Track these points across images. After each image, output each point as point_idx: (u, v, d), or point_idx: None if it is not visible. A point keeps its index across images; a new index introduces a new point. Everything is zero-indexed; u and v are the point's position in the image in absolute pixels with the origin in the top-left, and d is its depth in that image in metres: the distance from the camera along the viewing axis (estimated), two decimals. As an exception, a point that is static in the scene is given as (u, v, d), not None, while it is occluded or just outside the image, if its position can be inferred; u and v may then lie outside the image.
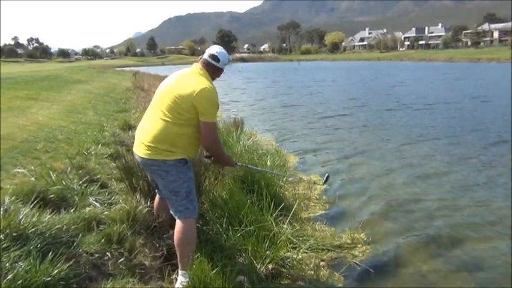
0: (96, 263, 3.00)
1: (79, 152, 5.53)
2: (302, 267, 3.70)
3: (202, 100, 2.98)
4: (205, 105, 2.99)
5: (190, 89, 2.99)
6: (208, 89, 3.02)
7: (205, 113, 3.00)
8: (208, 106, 3.01)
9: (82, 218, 3.35)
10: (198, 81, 3.06)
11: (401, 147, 8.98)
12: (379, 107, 15.48)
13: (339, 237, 4.40)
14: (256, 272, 3.37)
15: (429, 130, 10.84)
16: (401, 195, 5.91)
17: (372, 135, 10.41)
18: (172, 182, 3.07)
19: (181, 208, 3.12)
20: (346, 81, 31.29)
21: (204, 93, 2.98)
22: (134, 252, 3.29)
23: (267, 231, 3.83)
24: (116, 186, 4.50)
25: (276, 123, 12.59)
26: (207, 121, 3.03)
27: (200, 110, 2.98)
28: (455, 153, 8.36)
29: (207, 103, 3.00)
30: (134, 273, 3.09)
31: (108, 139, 6.68)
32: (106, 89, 18.37)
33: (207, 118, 3.02)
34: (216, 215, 3.95)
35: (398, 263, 4.03)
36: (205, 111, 3.00)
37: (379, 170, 7.22)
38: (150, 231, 3.65)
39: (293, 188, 5.70)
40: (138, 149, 3.14)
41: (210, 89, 3.04)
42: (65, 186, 3.94)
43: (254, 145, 7.18)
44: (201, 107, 2.98)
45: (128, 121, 8.53)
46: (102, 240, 3.18)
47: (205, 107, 3.00)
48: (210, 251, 3.46)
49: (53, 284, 2.47)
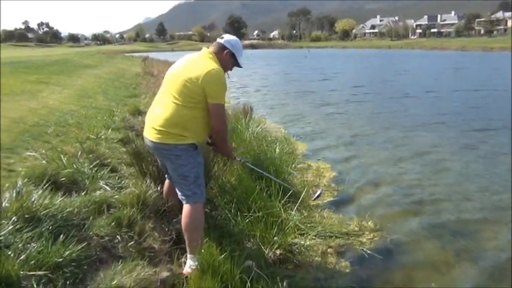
0: (107, 245, 3.04)
1: (89, 137, 5.58)
2: (309, 254, 3.72)
3: (210, 82, 2.97)
4: (212, 87, 2.99)
5: (198, 72, 2.99)
6: (215, 71, 3.01)
7: (213, 95, 3.00)
8: (216, 88, 3.01)
9: (93, 201, 3.40)
10: (206, 64, 3.06)
11: (409, 135, 8.95)
12: (388, 95, 15.44)
13: (347, 225, 4.41)
14: (264, 257, 3.40)
15: (438, 118, 10.79)
16: (410, 183, 5.90)
17: (381, 123, 10.38)
18: (182, 166, 3.09)
19: (189, 193, 3.14)
20: (358, 68, 31.10)
21: (211, 75, 2.98)
22: (144, 236, 3.33)
23: (275, 217, 3.84)
24: (126, 170, 4.54)
25: (283, 109, 12.61)
26: (216, 103, 3.03)
27: (208, 92, 2.98)
28: (462, 141, 8.33)
29: (214, 85, 3.00)
30: (144, 256, 3.13)
31: (118, 124, 6.72)
32: (116, 74, 18.43)
33: (215, 100, 3.02)
34: (225, 201, 3.98)
35: (406, 250, 4.03)
36: (214, 93, 3.00)
37: (388, 158, 7.20)
38: (160, 215, 3.69)
39: (302, 175, 5.70)
40: (148, 133, 3.15)
41: (217, 70, 3.03)
42: (75, 169, 3.99)
43: (263, 132, 7.18)
44: (208, 89, 2.98)
45: (137, 106, 8.58)
46: (113, 224, 3.23)
47: (213, 89, 3.00)
48: (219, 236, 3.49)
49: (65, 265, 2.52)
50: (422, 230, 4.48)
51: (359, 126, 9.97)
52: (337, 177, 6.05)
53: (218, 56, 3.19)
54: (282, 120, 10.81)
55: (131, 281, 2.68)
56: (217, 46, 3.24)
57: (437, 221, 4.67)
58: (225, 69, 3.22)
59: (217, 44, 3.25)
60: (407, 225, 4.59)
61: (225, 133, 3.28)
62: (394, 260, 3.86)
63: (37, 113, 6.73)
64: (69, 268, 2.53)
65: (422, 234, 4.38)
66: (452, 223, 4.63)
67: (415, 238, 4.28)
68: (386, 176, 6.22)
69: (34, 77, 12.25)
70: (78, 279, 2.54)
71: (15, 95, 8.22)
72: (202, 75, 2.96)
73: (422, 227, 4.53)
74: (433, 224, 4.62)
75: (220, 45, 3.23)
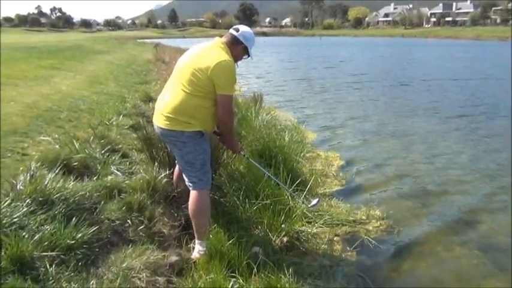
0: (118, 229, 3.11)
1: (101, 122, 5.65)
2: (316, 241, 3.76)
3: (219, 73, 2.99)
4: (221, 78, 3.00)
5: (208, 62, 3.00)
6: (225, 62, 3.02)
7: (221, 86, 3.02)
8: (224, 79, 3.02)
9: (104, 186, 3.47)
10: (217, 55, 3.06)
11: (417, 125, 8.95)
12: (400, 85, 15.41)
13: (354, 214, 4.43)
14: (271, 244, 3.46)
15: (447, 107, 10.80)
16: (419, 173, 5.91)
17: (388, 112, 10.41)
18: (188, 153, 3.14)
19: (195, 179, 3.19)
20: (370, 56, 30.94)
21: (221, 67, 2.99)
22: (153, 221, 3.40)
23: (283, 205, 3.88)
24: (137, 156, 4.60)
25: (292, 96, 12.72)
26: (224, 94, 3.04)
27: (217, 83, 3.00)
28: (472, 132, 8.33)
29: (223, 76, 3.01)
30: (153, 240, 3.20)
31: (130, 110, 6.78)
32: (127, 60, 18.49)
33: (223, 91, 3.04)
34: (234, 188, 4.02)
35: (413, 239, 4.06)
36: (222, 84, 3.01)
37: (396, 148, 7.20)
38: (169, 201, 3.75)
39: (310, 163, 5.73)
40: (157, 119, 3.20)
41: (227, 62, 3.03)
42: (87, 154, 4.05)
43: (273, 120, 7.20)
44: (217, 80, 2.99)
45: (148, 93, 8.62)
46: (123, 208, 3.30)
47: (222, 80, 3.01)
48: (227, 222, 3.54)
49: (77, 247, 2.59)
50: (429, 219, 4.50)
51: (368, 116, 9.95)
52: (346, 167, 6.07)
53: (231, 48, 3.19)
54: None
55: (141, 264, 2.75)
56: (231, 38, 3.23)
57: (445, 212, 4.69)
58: (235, 59, 3.23)
59: (231, 35, 3.23)
60: (414, 214, 4.62)
61: (230, 125, 3.29)
62: (400, 249, 3.89)
63: (50, 98, 6.80)
64: (81, 250, 2.60)
65: (430, 223, 4.41)
66: (460, 214, 4.64)
67: (422, 228, 4.31)
68: (396, 166, 6.22)
69: (47, 62, 12.35)
70: (89, 261, 2.61)
71: (28, 80, 8.31)
72: (212, 65, 2.97)
73: (430, 217, 4.56)
74: (440, 214, 4.64)
75: (234, 38, 3.22)
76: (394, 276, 3.50)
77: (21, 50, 15.69)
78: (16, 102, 6.02)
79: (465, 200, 5.01)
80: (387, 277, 3.48)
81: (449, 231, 4.26)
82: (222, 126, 3.32)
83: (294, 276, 2.95)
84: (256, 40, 3.42)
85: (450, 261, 3.71)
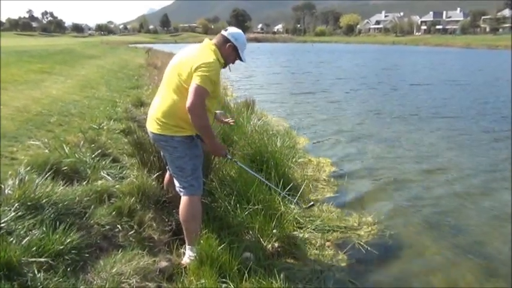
0: (107, 234, 3.09)
1: (92, 127, 5.61)
2: (308, 247, 3.75)
3: (200, 66, 2.90)
4: (200, 71, 2.89)
5: (193, 62, 2.94)
6: (210, 62, 2.95)
7: (196, 77, 2.88)
8: (203, 73, 2.89)
9: (94, 191, 3.44)
10: (204, 55, 3.01)
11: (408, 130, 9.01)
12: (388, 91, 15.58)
13: (346, 220, 4.44)
14: (262, 249, 3.44)
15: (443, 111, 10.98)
16: (410, 180, 5.93)
17: (379, 119, 10.47)
18: (179, 158, 3.12)
19: (186, 185, 3.17)
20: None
21: (203, 64, 2.91)
22: (144, 226, 3.38)
23: (275, 210, 3.87)
24: (127, 161, 4.58)
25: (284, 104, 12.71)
26: (196, 83, 2.87)
27: (194, 74, 2.89)
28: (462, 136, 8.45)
29: (203, 69, 2.90)
30: (143, 245, 3.17)
31: (121, 115, 6.75)
32: (119, 65, 18.43)
33: (197, 81, 2.88)
34: (225, 193, 4.00)
35: (404, 244, 4.07)
36: (198, 75, 2.88)
37: (387, 153, 7.23)
38: (160, 206, 3.73)
39: (302, 169, 5.73)
40: (149, 124, 3.19)
41: (212, 62, 2.97)
42: (77, 159, 4.02)
43: (265, 125, 7.19)
44: (196, 73, 2.89)
45: (140, 98, 8.60)
46: (113, 213, 3.27)
47: (199, 73, 2.89)
48: (218, 227, 3.52)
49: (66, 252, 2.56)
50: (420, 224, 4.51)
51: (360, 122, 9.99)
52: (338, 173, 6.08)
53: (220, 48, 3.15)
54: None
55: (131, 269, 2.72)
56: (220, 38, 3.20)
57: (436, 216, 4.71)
58: (226, 61, 3.20)
59: (220, 36, 3.21)
60: (405, 219, 4.63)
61: (203, 122, 2.98)
62: (391, 253, 3.89)
63: (40, 102, 6.75)
64: (70, 255, 2.57)
65: (421, 228, 4.42)
66: (451, 218, 4.66)
67: (414, 234, 4.32)
68: (388, 172, 6.24)
69: (37, 66, 12.26)
70: (78, 267, 2.58)
71: (18, 84, 8.24)
72: (196, 64, 2.92)
73: (421, 222, 4.57)
74: (431, 218, 4.65)
75: (223, 38, 3.18)
76: (386, 281, 3.50)
77: (11, 54, 15.58)
78: (6, 106, 5.96)
79: (456, 205, 5.04)
80: (378, 282, 3.47)
81: (440, 235, 4.28)
82: (192, 120, 2.94)
83: (285, 282, 2.94)
84: (251, 45, 3.40)
85: (441, 266, 3.72)
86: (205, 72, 2.90)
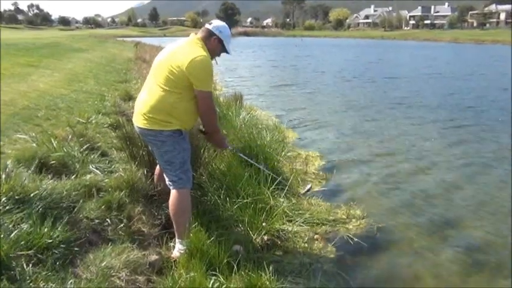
0: (96, 228, 3.08)
1: (80, 121, 5.57)
2: (297, 240, 3.78)
3: (195, 70, 2.95)
4: (197, 75, 2.97)
5: (183, 59, 2.97)
6: (200, 58, 2.97)
7: (198, 83, 2.99)
8: (200, 75, 2.98)
9: (83, 185, 3.43)
10: (192, 51, 3.03)
11: (399, 124, 9.07)
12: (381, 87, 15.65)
13: (335, 212, 4.47)
14: (252, 242, 3.46)
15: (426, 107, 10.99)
16: (399, 172, 5.99)
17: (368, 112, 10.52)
18: (168, 152, 3.12)
19: (175, 178, 3.17)
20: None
21: (196, 63, 2.95)
22: (133, 220, 3.37)
23: (264, 204, 3.89)
24: (116, 155, 4.56)
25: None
26: (201, 90, 3.01)
27: (193, 80, 2.97)
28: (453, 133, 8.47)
29: (199, 72, 2.97)
30: (133, 239, 3.17)
31: (109, 109, 6.71)
32: (107, 58, 18.26)
33: (201, 87, 3.00)
34: (214, 187, 4.01)
35: (392, 237, 4.12)
36: (198, 81, 2.98)
37: (376, 147, 7.29)
38: (150, 199, 3.72)
39: (290, 163, 5.75)
40: (136, 119, 3.18)
41: (202, 57, 2.99)
42: (66, 153, 3.99)
43: (253, 120, 7.20)
44: (193, 77, 2.96)
45: (128, 91, 8.54)
46: (102, 207, 3.27)
47: (198, 77, 2.98)
48: (208, 221, 3.53)
49: (54, 246, 2.55)
50: (409, 217, 4.57)
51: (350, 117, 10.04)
52: (327, 166, 6.11)
53: (205, 42, 3.16)
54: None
55: (120, 263, 2.72)
56: (205, 32, 3.20)
57: (425, 209, 4.77)
58: (212, 55, 3.20)
59: (205, 29, 3.22)
60: (394, 213, 4.68)
61: (214, 121, 3.27)
62: (379, 246, 3.94)
63: (27, 96, 6.68)
64: (59, 249, 2.57)
65: (409, 221, 4.47)
66: (439, 211, 4.72)
67: (402, 227, 4.37)
68: (376, 166, 6.30)
69: (24, 59, 12.09)
70: (67, 260, 2.58)
71: (5, 78, 8.13)
72: (187, 62, 2.94)
73: (409, 215, 4.62)
74: (420, 211, 4.71)
75: (208, 31, 3.19)
76: (374, 273, 3.54)
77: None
78: (-9, 100, 5.89)
79: (445, 198, 5.11)
80: (367, 275, 3.52)
81: (429, 229, 4.33)
82: (205, 123, 3.28)
83: (275, 274, 2.96)
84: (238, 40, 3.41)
85: (429, 259, 3.77)
86: (204, 72, 3.01)
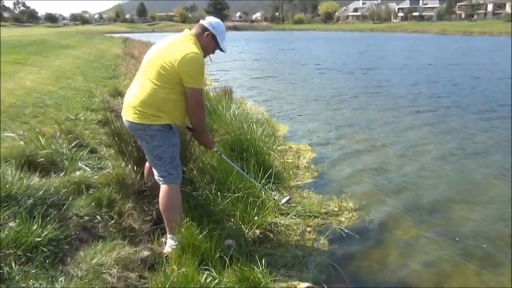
0: (87, 225, 3.05)
1: (68, 118, 5.51)
2: (289, 233, 3.78)
3: (185, 66, 2.94)
4: (188, 72, 2.96)
5: (176, 54, 2.95)
6: (192, 54, 2.96)
7: (188, 80, 2.97)
8: (191, 72, 2.97)
9: (72, 182, 3.38)
10: (184, 47, 3.02)
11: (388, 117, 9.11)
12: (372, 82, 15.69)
13: (326, 205, 4.48)
14: (244, 236, 3.46)
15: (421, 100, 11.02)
16: (389, 165, 6.01)
17: (360, 105, 10.56)
18: (157, 147, 3.09)
19: (164, 173, 3.15)
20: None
21: (188, 59, 2.94)
22: (124, 216, 3.34)
23: (255, 197, 3.88)
24: (106, 151, 4.51)
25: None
26: (191, 87, 3.00)
27: (184, 77, 2.95)
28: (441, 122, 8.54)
29: (190, 69, 2.96)
30: (124, 235, 3.15)
31: (98, 105, 6.64)
32: (95, 55, 18.08)
33: (191, 84, 2.99)
34: (205, 181, 3.99)
35: (383, 229, 4.13)
36: (189, 78, 2.97)
37: (367, 140, 7.30)
38: (140, 195, 3.69)
39: (282, 156, 5.75)
40: (125, 112, 3.14)
41: (194, 54, 2.98)
42: (54, 150, 3.95)
43: (244, 114, 7.17)
44: (184, 73, 2.95)
45: (117, 87, 8.48)
46: (92, 204, 3.22)
47: (189, 74, 2.96)
48: (199, 215, 3.52)
49: (43, 244, 2.51)
50: (400, 209, 4.59)
51: (341, 110, 10.06)
52: (318, 159, 6.12)
53: (199, 38, 3.15)
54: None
55: (111, 260, 2.70)
56: (198, 28, 3.19)
57: (416, 202, 4.79)
58: (205, 52, 3.19)
59: (199, 25, 3.21)
60: (386, 205, 4.70)
61: (202, 120, 3.23)
62: (371, 238, 3.96)
63: (14, 93, 6.58)
64: (48, 247, 2.53)
65: (400, 213, 4.50)
66: (431, 203, 4.75)
67: (393, 218, 4.39)
68: (367, 158, 6.32)
69: (10, 57, 11.90)
70: (57, 258, 2.54)
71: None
72: (179, 58, 2.93)
73: (401, 207, 4.64)
74: (411, 204, 4.73)
75: (201, 27, 3.18)
76: (366, 264, 3.56)
77: (-18, 45, 15.10)
78: (-23, 98, 5.80)
79: (436, 190, 5.14)
80: (359, 266, 3.54)
81: (420, 220, 4.35)
82: (193, 120, 3.24)
83: (267, 267, 2.96)
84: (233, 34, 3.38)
85: (421, 249, 3.80)
86: (195, 69, 2.99)
